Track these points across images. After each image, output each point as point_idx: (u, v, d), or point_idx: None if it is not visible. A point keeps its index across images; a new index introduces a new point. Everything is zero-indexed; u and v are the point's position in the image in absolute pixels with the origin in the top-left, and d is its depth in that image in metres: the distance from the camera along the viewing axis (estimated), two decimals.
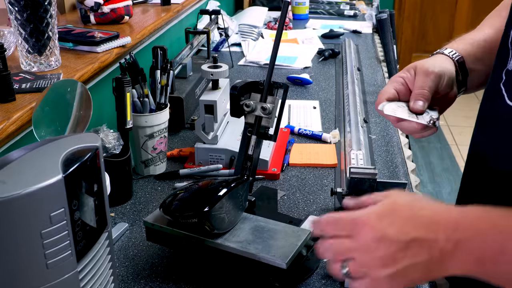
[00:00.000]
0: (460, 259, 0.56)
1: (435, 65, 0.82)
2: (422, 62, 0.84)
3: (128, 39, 1.24)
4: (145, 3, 1.66)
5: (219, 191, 0.79)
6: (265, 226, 0.83)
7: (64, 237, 0.53)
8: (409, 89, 0.82)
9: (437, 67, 0.81)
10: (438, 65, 0.82)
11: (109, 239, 0.64)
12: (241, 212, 0.84)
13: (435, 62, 0.83)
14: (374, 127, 1.36)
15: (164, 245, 0.86)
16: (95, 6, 1.33)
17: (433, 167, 3.27)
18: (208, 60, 1.64)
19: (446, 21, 4.39)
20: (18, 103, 0.90)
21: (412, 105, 0.79)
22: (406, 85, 0.83)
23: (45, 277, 0.53)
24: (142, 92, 1.11)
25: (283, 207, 1.03)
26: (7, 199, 0.48)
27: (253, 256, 0.76)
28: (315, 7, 2.73)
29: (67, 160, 0.54)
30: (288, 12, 2.57)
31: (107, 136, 0.97)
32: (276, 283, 0.76)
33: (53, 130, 0.81)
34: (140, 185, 1.11)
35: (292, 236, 0.80)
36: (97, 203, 0.59)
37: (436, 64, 0.82)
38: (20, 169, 0.52)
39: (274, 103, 0.84)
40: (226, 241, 0.78)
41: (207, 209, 0.76)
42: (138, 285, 0.83)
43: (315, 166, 1.18)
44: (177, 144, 1.29)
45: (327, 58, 1.93)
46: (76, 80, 0.86)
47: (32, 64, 1.03)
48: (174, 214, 0.80)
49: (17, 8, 0.97)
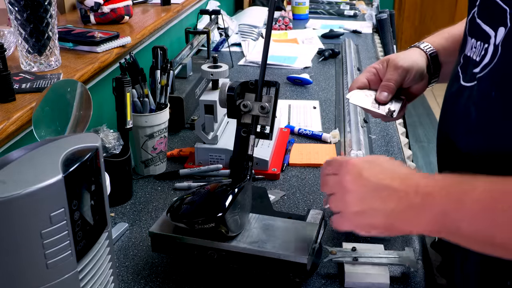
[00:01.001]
0: (425, 213, 0.60)
1: (406, 59, 0.90)
2: (395, 55, 0.92)
3: (128, 39, 1.24)
4: (145, 3, 1.66)
5: (231, 193, 0.79)
6: (274, 224, 0.83)
7: (64, 237, 0.53)
8: (380, 79, 0.92)
9: (407, 62, 0.90)
10: (409, 60, 0.90)
11: (109, 239, 0.64)
12: (248, 213, 0.84)
13: (407, 57, 0.91)
14: (374, 127, 1.36)
15: (173, 254, 0.85)
16: (95, 6, 1.33)
17: (433, 167, 3.27)
18: (208, 60, 1.64)
19: (446, 21, 4.39)
20: (18, 103, 0.90)
21: (377, 95, 0.90)
22: (377, 76, 0.92)
23: (45, 277, 0.53)
24: (142, 92, 1.11)
25: (283, 207, 1.03)
26: (7, 199, 0.48)
27: (273, 255, 0.77)
28: (315, 7, 2.73)
29: (67, 160, 0.54)
30: (288, 12, 2.58)
31: (107, 136, 0.97)
32: (297, 278, 0.78)
33: (53, 130, 0.81)
34: (140, 185, 1.11)
35: (303, 231, 0.81)
36: (97, 203, 0.59)
37: (407, 58, 0.91)
38: (20, 169, 0.52)
39: (270, 101, 0.85)
40: (240, 243, 0.78)
41: (222, 213, 0.75)
42: (138, 285, 0.83)
43: (315, 166, 1.18)
44: (177, 144, 1.30)
45: (327, 58, 1.93)
46: (76, 80, 0.86)
47: (32, 64, 1.03)
48: (190, 221, 0.78)
49: (17, 8, 0.97)
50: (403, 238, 0.92)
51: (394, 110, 0.90)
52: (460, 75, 0.74)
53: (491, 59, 0.66)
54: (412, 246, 0.90)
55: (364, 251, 0.84)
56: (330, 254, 0.84)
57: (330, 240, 0.92)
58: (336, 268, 0.85)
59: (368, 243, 0.90)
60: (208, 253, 0.79)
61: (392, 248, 0.90)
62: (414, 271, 0.83)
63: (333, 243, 0.91)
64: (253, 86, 0.87)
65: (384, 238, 0.92)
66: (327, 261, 0.84)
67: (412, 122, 3.68)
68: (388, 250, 0.86)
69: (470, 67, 0.71)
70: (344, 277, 0.81)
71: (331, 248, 0.85)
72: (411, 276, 0.83)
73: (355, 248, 0.85)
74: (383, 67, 0.92)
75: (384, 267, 0.82)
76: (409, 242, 0.91)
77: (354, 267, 0.82)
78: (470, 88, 0.70)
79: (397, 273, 0.84)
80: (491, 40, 0.67)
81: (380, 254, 0.84)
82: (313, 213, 0.87)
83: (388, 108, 0.90)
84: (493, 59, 0.66)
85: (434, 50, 0.93)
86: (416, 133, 3.48)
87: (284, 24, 2.37)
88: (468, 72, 0.72)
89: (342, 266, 0.83)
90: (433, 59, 0.93)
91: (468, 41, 0.74)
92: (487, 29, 0.68)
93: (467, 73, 0.73)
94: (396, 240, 0.92)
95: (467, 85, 0.72)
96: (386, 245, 0.90)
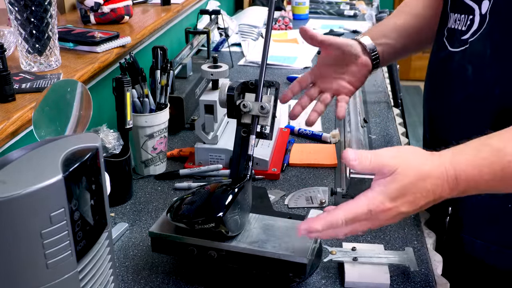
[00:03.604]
0: (459, 185, 0.67)
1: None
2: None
3: (128, 39, 1.24)
4: (145, 3, 1.66)
5: (231, 193, 0.79)
6: (274, 224, 0.83)
7: (64, 237, 0.53)
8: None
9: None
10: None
11: (109, 239, 0.64)
12: (248, 213, 0.84)
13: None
14: (374, 127, 1.36)
15: (173, 254, 0.84)
16: (95, 6, 1.33)
17: None
18: (208, 60, 1.64)
19: None
20: (18, 103, 0.90)
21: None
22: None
23: (45, 277, 0.53)
24: (142, 92, 1.11)
25: (283, 207, 1.03)
26: (7, 199, 0.48)
27: (272, 255, 0.77)
28: (315, 7, 2.73)
29: (67, 160, 0.54)
30: (288, 12, 2.58)
31: (107, 136, 0.97)
32: (297, 278, 0.78)
33: (53, 130, 0.81)
34: (140, 185, 1.11)
35: None
36: (97, 203, 0.59)
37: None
38: (20, 169, 0.52)
39: (270, 101, 0.85)
40: (240, 243, 0.78)
41: (222, 213, 0.75)
42: (138, 285, 0.83)
43: (315, 166, 1.18)
44: (177, 144, 1.29)
45: None
46: (76, 80, 0.86)
47: (32, 64, 1.03)
48: (190, 221, 0.77)
49: (17, 8, 0.97)
50: (403, 238, 0.92)
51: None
52: (447, 44, 0.89)
53: (480, 26, 0.82)
54: (412, 246, 0.90)
55: (364, 251, 0.84)
56: (330, 254, 0.84)
57: (330, 240, 0.92)
58: (336, 268, 0.85)
59: (368, 243, 0.90)
60: (208, 253, 0.79)
61: (392, 248, 0.90)
62: (414, 271, 0.83)
63: (333, 243, 0.91)
64: (253, 86, 0.87)
65: (384, 238, 0.92)
66: (327, 261, 0.84)
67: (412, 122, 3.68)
68: (388, 250, 0.86)
69: (457, 36, 0.87)
70: (344, 277, 0.81)
71: (331, 248, 0.85)
72: (411, 276, 0.83)
73: (355, 248, 0.85)
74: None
75: (384, 267, 0.82)
76: (409, 242, 0.91)
77: (354, 267, 0.82)
78: (462, 51, 0.85)
79: (397, 273, 0.84)
80: (475, 12, 0.83)
81: (380, 254, 0.84)
82: (313, 213, 0.87)
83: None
84: (481, 25, 0.82)
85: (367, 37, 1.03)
86: (416, 133, 3.48)
87: (284, 24, 2.37)
88: (455, 40, 0.87)
89: (342, 266, 0.83)
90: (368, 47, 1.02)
91: (451, 16, 0.89)
92: (471, 3, 0.84)
93: (454, 41, 0.88)
94: (396, 240, 0.92)
95: (456, 50, 0.87)
96: (386, 245, 0.90)
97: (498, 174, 0.67)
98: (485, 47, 0.82)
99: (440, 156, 0.68)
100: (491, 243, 0.88)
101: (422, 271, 0.84)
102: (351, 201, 0.67)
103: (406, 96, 4.09)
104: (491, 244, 0.88)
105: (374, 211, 0.66)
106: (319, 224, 0.67)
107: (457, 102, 0.87)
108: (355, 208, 0.66)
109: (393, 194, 0.66)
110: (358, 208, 0.66)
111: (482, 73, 0.82)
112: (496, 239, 0.88)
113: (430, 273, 0.84)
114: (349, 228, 0.67)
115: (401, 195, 0.66)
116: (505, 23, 0.79)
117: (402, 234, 0.93)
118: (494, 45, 0.81)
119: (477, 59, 0.83)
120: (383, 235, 0.93)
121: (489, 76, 0.81)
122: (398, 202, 0.66)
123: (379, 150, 0.69)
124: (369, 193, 0.67)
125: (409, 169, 0.66)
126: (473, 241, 0.90)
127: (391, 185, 0.66)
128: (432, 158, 0.68)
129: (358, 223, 0.67)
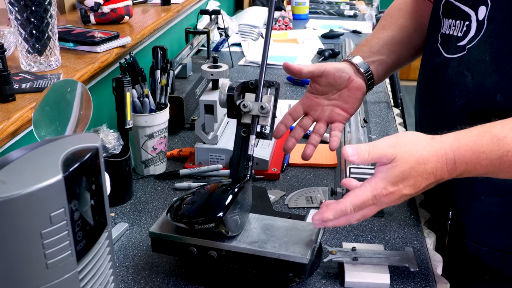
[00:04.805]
0: (457, 169, 0.71)
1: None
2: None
3: (128, 39, 1.24)
4: (145, 3, 1.66)
5: (231, 193, 0.79)
6: (274, 224, 0.83)
7: (64, 237, 0.53)
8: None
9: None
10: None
11: (109, 239, 0.64)
12: (248, 213, 0.84)
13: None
14: (374, 127, 1.36)
15: (173, 254, 0.84)
16: (95, 6, 1.33)
17: None
18: (208, 60, 1.64)
19: None
20: (18, 103, 0.90)
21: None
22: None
23: (45, 277, 0.53)
24: (142, 92, 1.11)
25: (283, 207, 1.03)
26: (7, 199, 0.48)
27: (272, 255, 0.77)
28: (315, 7, 2.73)
29: (67, 160, 0.54)
30: (288, 12, 2.58)
31: (107, 136, 0.97)
32: (297, 278, 0.78)
33: (53, 130, 0.81)
34: (140, 185, 1.11)
35: (303, 231, 0.81)
36: (97, 203, 0.59)
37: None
38: (20, 169, 0.52)
39: (270, 101, 0.85)
40: (240, 243, 0.78)
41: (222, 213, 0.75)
42: (138, 285, 0.83)
43: (315, 166, 1.18)
44: (177, 144, 1.29)
45: (327, 58, 1.93)
46: (76, 80, 0.86)
47: (32, 64, 1.03)
48: (190, 221, 0.77)
49: (17, 8, 0.97)
50: (403, 238, 0.92)
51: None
52: (442, 50, 0.88)
53: (477, 32, 0.81)
54: (412, 246, 0.90)
55: (364, 251, 0.84)
56: (330, 254, 0.84)
57: (330, 240, 0.92)
58: (336, 268, 0.85)
59: (368, 243, 0.90)
60: (208, 253, 0.79)
61: (392, 248, 0.90)
62: (414, 271, 0.83)
63: (333, 243, 0.91)
64: (253, 86, 0.87)
65: (384, 238, 0.92)
66: (327, 261, 0.83)
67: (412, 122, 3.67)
68: (388, 250, 0.86)
69: (453, 42, 0.85)
70: (344, 277, 0.81)
71: (331, 248, 0.85)
72: (411, 276, 0.83)
73: (355, 248, 0.85)
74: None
75: (384, 267, 0.82)
76: (409, 242, 0.91)
77: (354, 267, 0.82)
78: (459, 58, 0.84)
79: (397, 273, 0.84)
80: (472, 18, 0.82)
81: (380, 254, 0.84)
82: (313, 213, 0.87)
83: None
84: (479, 32, 0.81)
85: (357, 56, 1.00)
86: None
87: (284, 24, 2.37)
88: (450, 46, 0.86)
89: (342, 266, 0.83)
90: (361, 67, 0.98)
91: (444, 22, 0.88)
92: (467, 9, 0.83)
93: (449, 47, 0.86)
94: (396, 240, 0.92)
95: (452, 56, 0.86)
96: (386, 245, 0.90)
97: (496, 162, 0.70)
98: (484, 54, 0.80)
99: (440, 140, 0.72)
100: (496, 249, 0.88)
101: (422, 271, 0.84)
102: (357, 189, 0.72)
103: (406, 96, 4.08)
104: (496, 251, 0.88)
105: (378, 196, 0.71)
106: (330, 214, 0.72)
107: (456, 108, 0.85)
108: (361, 195, 0.71)
109: (394, 179, 0.70)
110: (363, 195, 0.71)
111: (482, 80, 0.81)
112: (500, 245, 0.88)
113: (430, 273, 0.84)
114: (359, 214, 0.72)
115: (402, 179, 0.70)
116: (503, 30, 0.78)
117: (402, 234, 0.93)
118: (493, 51, 0.79)
119: (476, 66, 0.82)
120: (383, 235, 0.93)
121: (490, 83, 0.80)
122: (400, 186, 0.70)
123: (377, 141, 0.73)
124: (372, 180, 0.72)
125: (408, 155, 0.70)
126: (478, 247, 0.90)
127: (392, 171, 0.70)
128: (432, 142, 0.72)
129: (366, 208, 0.72)
